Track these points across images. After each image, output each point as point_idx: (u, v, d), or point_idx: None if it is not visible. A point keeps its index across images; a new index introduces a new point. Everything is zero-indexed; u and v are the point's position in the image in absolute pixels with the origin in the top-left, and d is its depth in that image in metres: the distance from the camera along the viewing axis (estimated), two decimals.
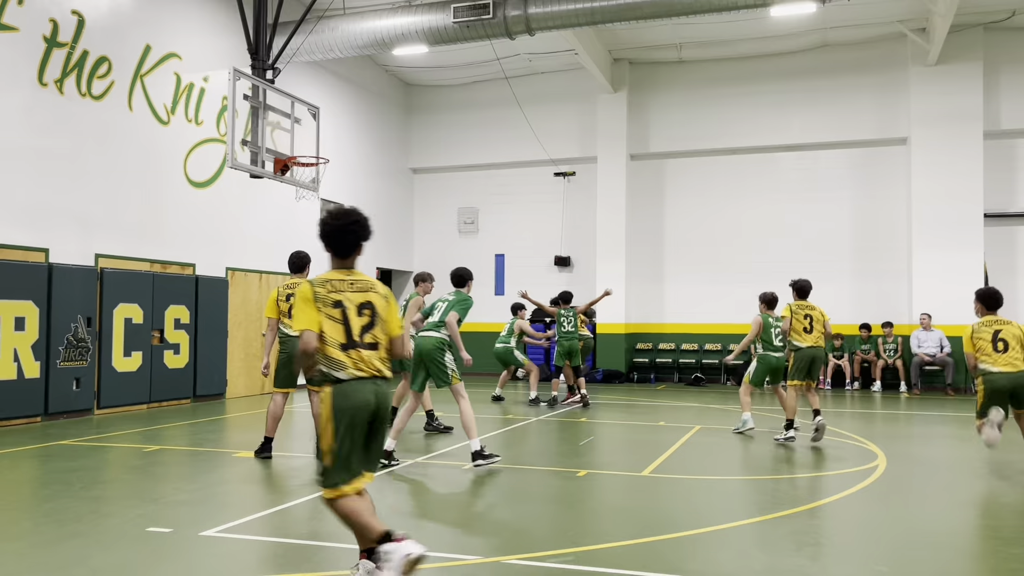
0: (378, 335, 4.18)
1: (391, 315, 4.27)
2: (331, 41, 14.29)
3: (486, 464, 7.37)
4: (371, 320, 4.17)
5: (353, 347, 4.08)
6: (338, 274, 4.25)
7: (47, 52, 10.85)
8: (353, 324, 4.11)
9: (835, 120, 17.33)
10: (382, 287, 4.34)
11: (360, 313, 4.15)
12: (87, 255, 11.45)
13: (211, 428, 10.41)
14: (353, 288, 4.19)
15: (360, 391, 4.04)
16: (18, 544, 4.99)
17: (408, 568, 3.86)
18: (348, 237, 4.28)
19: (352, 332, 4.09)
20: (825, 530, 5.54)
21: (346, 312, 4.11)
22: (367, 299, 4.20)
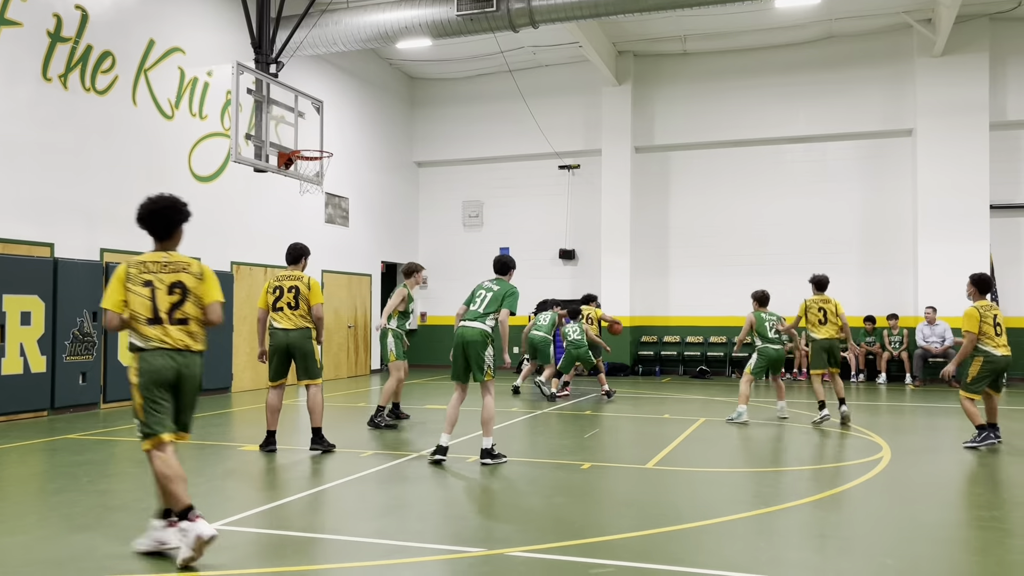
0: (188, 311, 4.67)
1: (205, 290, 4.76)
2: (334, 35, 14.28)
3: (493, 463, 7.34)
4: (181, 298, 4.67)
5: (159, 323, 4.60)
6: (154, 256, 4.75)
7: (51, 47, 10.86)
8: (160, 302, 4.62)
9: (841, 112, 17.27)
10: (197, 267, 4.82)
11: (171, 292, 4.65)
12: (92, 249, 11.48)
13: (216, 422, 10.45)
14: (166, 269, 4.69)
15: (160, 360, 4.58)
16: (25, 537, 5.02)
17: (199, 547, 4.32)
18: (163, 220, 4.77)
19: (159, 309, 4.61)
20: (830, 522, 5.54)
21: (155, 291, 4.62)
22: (178, 279, 4.69)
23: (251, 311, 14.47)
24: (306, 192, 12.88)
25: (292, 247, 8.37)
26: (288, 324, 7.86)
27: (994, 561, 4.71)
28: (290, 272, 8.10)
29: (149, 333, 4.58)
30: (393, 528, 5.30)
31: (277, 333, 7.92)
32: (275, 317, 7.93)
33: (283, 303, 7.91)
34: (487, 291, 7.60)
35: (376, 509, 5.84)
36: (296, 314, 7.87)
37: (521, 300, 7.95)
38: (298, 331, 7.87)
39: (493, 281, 7.73)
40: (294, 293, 7.89)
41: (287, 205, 15.32)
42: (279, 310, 7.90)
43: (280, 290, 7.94)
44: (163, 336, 4.60)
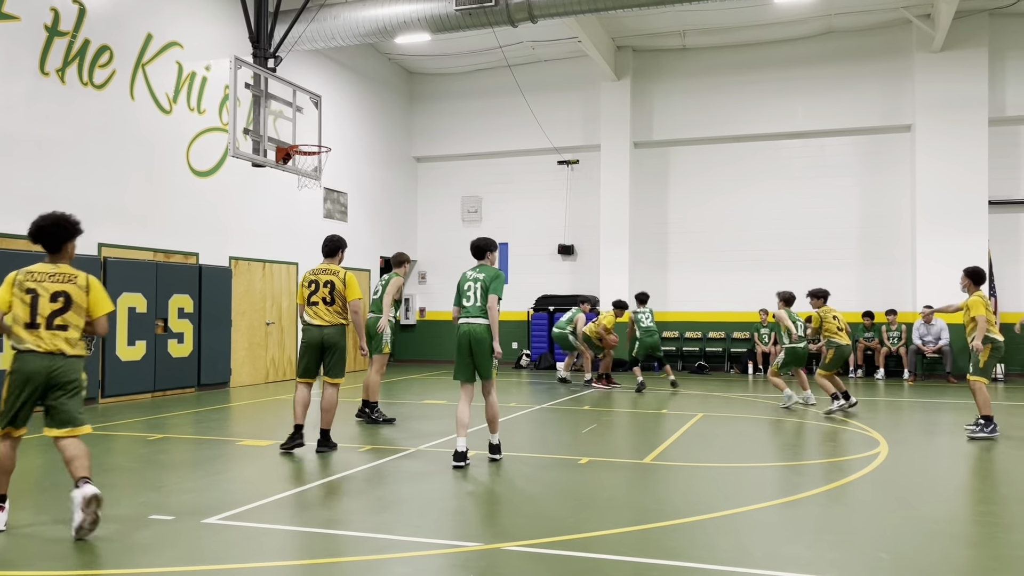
0: (69, 319, 5.00)
1: (91, 301, 5.12)
2: (333, 29, 14.25)
3: (502, 457, 7.35)
4: (64, 307, 5.00)
5: (35, 327, 4.94)
6: (43, 266, 5.12)
7: (48, 41, 10.84)
8: (42, 309, 4.95)
9: (839, 107, 17.26)
10: (84, 279, 5.13)
11: (53, 300, 4.98)
12: (90, 245, 11.47)
13: (215, 417, 10.46)
14: (52, 279, 5.03)
15: (33, 362, 4.93)
16: (23, 531, 5.03)
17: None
18: (51, 237, 5.12)
19: (37, 315, 4.95)
20: (826, 517, 5.55)
21: (37, 299, 4.96)
22: (63, 289, 5.02)
23: (250, 307, 14.48)
24: (304, 187, 12.88)
25: (329, 239, 8.00)
26: (321, 320, 7.62)
27: (989, 555, 4.73)
28: (326, 266, 7.80)
29: (24, 336, 4.96)
30: (391, 523, 5.31)
31: (311, 329, 7.65)
32: (309, 312, 7.66)
33: (318, 298, 7.63)
34: (474, 282, 7.23)
35: (374, 504, 5.85)
36: (331, 310, 7.64)
37: (521, 295, 7.92)
38: (332, 327, 7.63)
39: (476, 269, 7.33)
40: (329, 288, 7.63)
41: (285, 200, 15.31)
42: (313, 305, 7.64)
43: (315, 284, 7.66)
44: (37, 339, 4.96)
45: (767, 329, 16.87)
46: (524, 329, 19.41)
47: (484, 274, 7.24)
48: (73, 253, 5.30)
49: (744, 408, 11.41)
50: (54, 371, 4.96)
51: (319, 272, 7.73)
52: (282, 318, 15.42)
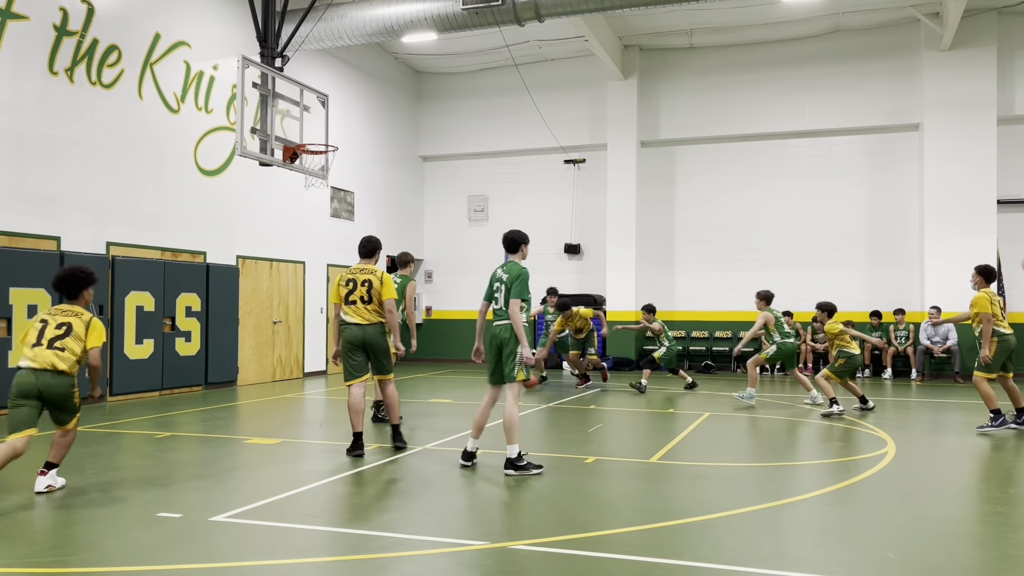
0: (67, 344, 6.00)
1: (89, 335, 6.12)
2: (340, 29, 14.27)
3: (517, 475, 6.67)
4: (64, 334, 6.03)
5: (38, 346, 5.96)
6: (61, 307, 6.24)
7: (57, 41, 10.89)
8: (47, 333, 6.02)
9: (847, 106, 17.21)
10: (87, 317, 6.20)
11: (58, 328, 6.05)
12: (98, 243, 11.53)
13: (222, 415, 10.49)
14: (62, 314, 6.14)
15: (27, 377, 5.89)
16: (31, 528, 5.06)
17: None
18: (68, 286, 6.27)
19: (42, 338, 5.99)
20: (832, 517, 5.54)
21: (46, 327, 6.05)
22: (68, 321, 6.10)
23: (257, 306, 14.51)
24: (311, 186, 12.89)
25: (368, 241, 7.99)
26: (362, 319, 7.57)
27: (996, 555, 4.72)
28: (363, 265, 7.78)
29: (27, 354, 5.96)
30: (398, 521, 5.32)
31: (351, 328, 7.58)
32: (347, 311, 7.59)
33: (356, 296, 7.59)
34: (500, 283, 6.96)
35: (381, 502, 5.86)
36: (370, 308, 7.60)
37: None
38: (373, 326, 7.60)
39: (504, 267, 7.05)
40: (367, 287, 7.60)
41: (293, 199, 15.35)
42: (352, 304, 7.58)
43: (353, 283, 7.62)
44: (33, 357, 5.92)
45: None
46: (530, 328, 19.39)
47: (510, 274, 6.91)
48: (90, 299, 6.42)
49: (751, 407, 11.38)
50: (43, 385, 5.92)
51: (356, 271, 7.70)
52: (288, 317, 15.46)
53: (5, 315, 9.99)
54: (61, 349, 5.96)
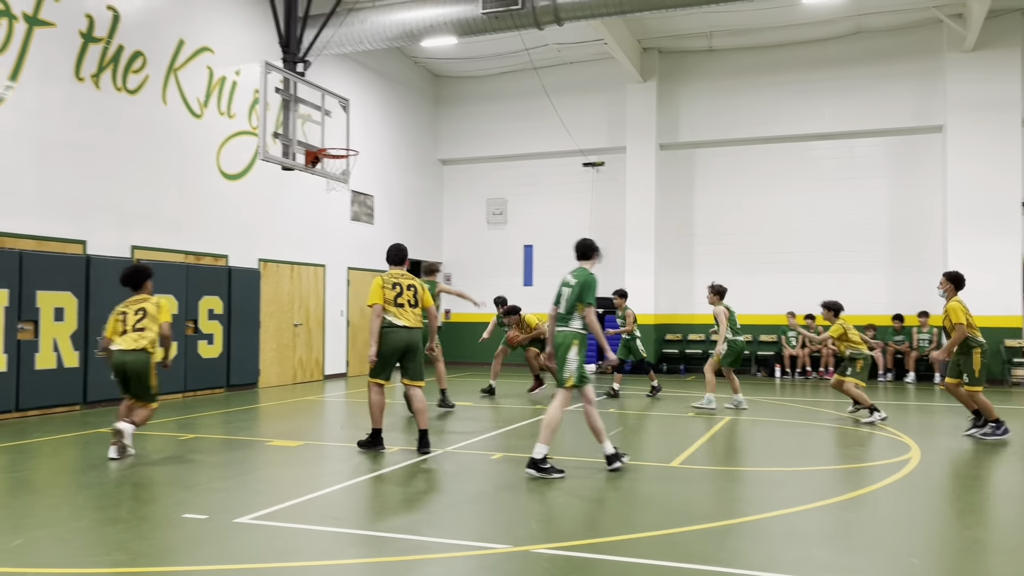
0: (145, 324, 7.56)
1: (160, 313, 7.66)
2: (360, 33, 14.36)
3: (539, 476, 6.64)
4: (142, 317, 7.60)
5: (125, 334, 7.51)
6: (132, 298, 7.77)
7: (83, 47, 11.04)
8: (129, 321, 7.59)
9: (869, 108, 17.09)
10: (156, 300, 7.76)
11: (136, 313, 7.62)
12: (123, 247, 11.67)
13: (244, 417, 10.58)
14: (135, 303, 7.70)
15: (117, 356, 7.50)
16: (59, 529, 5.13)
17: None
18: (133, 280, 7.84)
19: (126, 326, 7.56)
20: (856, 522, 5.51)
21: (125, 316, 7.62)
22: (141, 306, 7.66)
23: (277, 308, 14.62)
24: (332, 190, 12.98)
25: (399, 248, 8.16)
26: (410, 322, 7.69)
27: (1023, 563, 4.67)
28: (402, 271, 7.98)
29: (116, 341, 7.56)
30: (421, 524, 5.35)
31: (399, 330, 7.64)
32: (396, 313, 7.65)
33: (404, 300, 7.70)
34: (566, 287, 7.03)
35: (403, 505, 5.89)
36: (416, 312, 7.77)
37: (546, 298, 7.77)
38: (418, 330, 7.79)
39: (573, 272, 7.11)
40: (413, 292, 7.79)
41: (313, 203, 15.46)
42: (400, 307, 7.67)
43: (399, 287, 7.73)
44: (121, 341, 7.51)
45: (794, 332, 16.76)
46: None
47: (577, 279, 6.97)
48: (151, 289, 7.92)
49: (772, 412, 11.33)
50: (128, 362, 7.47)
51: (399, 276, 7.84)
52: (309, 319, 15.56)
53: (32, 318, 10.13)
54: (142, 330, 7.50)
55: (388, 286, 7.72)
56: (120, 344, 7.60)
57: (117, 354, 7.64)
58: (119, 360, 7.57)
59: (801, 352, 16.94)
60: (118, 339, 7.65)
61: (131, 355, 7.51)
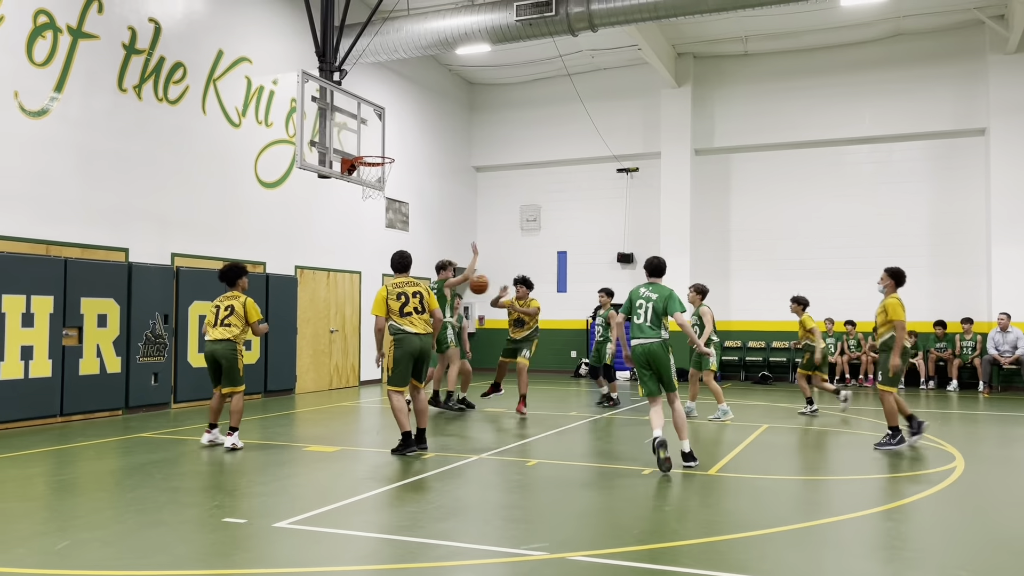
0: (232, 321, 8.45)
1: (247, 312, 8.52)
2: (396, 42, 14.48)
3: (696, 465, 7.39)
4: (230, 313, 8.47)
5: (215, 327, 8.46)
6: (226, 294, 8.69)
7: (126, 59, 11.27)
8: (220, 315, 8.50)
9: (909, 111, 16.83)
10: (243, 299, 8.57)
11: (225, 310, 8.51)
12: (164, 254, 11.86)
13: (282, 422, 10.68)
14: (227, 299, 8.59)
15: (208, 346, 8.46)
16: (103, 532, 5.22)
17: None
18: (228, 277, 8.66)
19: (218, 319, 8.48)
20: (900, 533, 5.40)
21: (218, 311, 8.53)
22: (231, 303, 8.53)
23: (314, 314, 14.75)
24: (368, 198, 13.07)
25: (403, 255, 8.37)
26: (419, 328, 8.00)
27: None
28: (407, 279, 8.20)
29: (208, 332, 8.50)
30: (456, 530, 5.35)
31: (410, 338, 7.92)
32: (404, 322, 7.94)
33: (411, 308, 7.98)
34: (646, 301, 7.54)
35: (438, 510, 5.90)
36: (423, 319, 8.07)
37: (580, 304, 7.92)
38: (429, 336, 8.12)
39: (649, 288, 7.63)
40: (419, 299, 8.07)
41: (349, 210, 15.59)
42: (407, 315, 7.96)
43: (405, 296, 8.00)
44: (211, 333, 8.46)
45: (833, 339, 16.52)
46: (583, 338, 19.35)
47: (657, 294, 7.53)
48: (245, 286, 8.74)
49: (810, 419, 11.16)
50: (217, 352, 8.37)
51: (403, 284, 8.09)
52: (345, 326, 15.68)
53: (76, 324, 10.34)
54: (228, 325, 8.44)
55: (393, 296, 8.03)
56: (211, 335, 8.53)
57: (415, 339, 8.04)
58: (209, 349, 8.52)
59: (840, 359, 16.68)
60: (400, 320, 8.07)
61: (220, 344, 8.43)
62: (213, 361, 8.41)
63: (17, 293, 9.65)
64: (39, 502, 6.15)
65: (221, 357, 8.35)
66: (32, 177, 10.08)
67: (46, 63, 10.21)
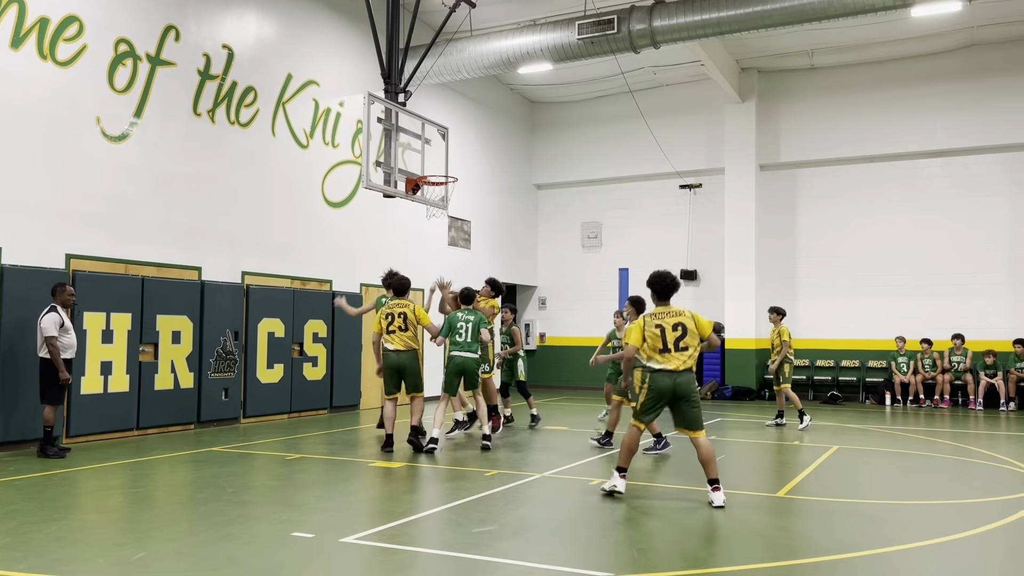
0: (405, 327, 9.29)
1: (419, 318, 9.30)
2: (459, 63, 14.67)
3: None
4: (403, 321, 9.28)
5: (392, 333, 9.31)
6: (394, 302, 9.51)
7: (200, 84, 11.68)
8: (394, 323, 9.32)
9: (985, 123, 16.29)
10: (412, 307, 9.31)
11: (399, 317, 9.32)
12: (235, 273, 12.20)
13: (347, 438, 10.84)
14: (399, 307, 9.36)
15: (391, 356, 9.28)
16: (178, 544, 5.37)
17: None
18: (398, 288, 9.60)
19: (393, 327, 9.35)
20: (976, 562, 5.19)
21: (392, 319, 9.34)
22: (403, 311, 9.35)
23: None
24: (432, 216, 13.23)
25: (401, 280, 9.68)
26: (399, 346, 9.31)
27: None
28: (398, 300, 9.54)
29: (387, 339, 9.28)
30: (521, 549, 5.34)
31: (390, 354, 9.32)
32: (388, 339, 9.32)
33: (395, 327, 9.31)
34: (466, 322, 9.73)
35: (503, 529, 5.90)
36: (406, 336, 9.34)
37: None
38: (408, 352, 9.39)
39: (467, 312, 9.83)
40: (403, 318, 9.33)
41: (412, 229, 15.80)
42: (391, 333, 9.33)
43: (392, 316, 9.33)
44: (390, 340, 9.24)
45: (905, 357, 16.04)
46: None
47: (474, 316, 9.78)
48: (408, 292, 9.56)
49: (883, 441, 10.83)
50: (402, 361, 9.21)
51: (393, 306, 9.41)
52: None
53: (152, 340, 10.70)
54: (405, 330, 9.14)
55: (383, 316, 9.38)
56: (393, 345, 9.22)
57: (392, 355, 9.24)
58: (395, 360, 9.22)
59: (913, 379, 16.15)
60: (387, 338, 9.26)
61: (405, 355, 9.25)
62: (399, 370, 9.24)
63: (98, 311, 10.04)
64: (117, 513, 6.37)
65: (409, 367, 9.27)
66: (112, 199, 10.50)
67: (126, 89, 10.66)
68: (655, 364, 6.63)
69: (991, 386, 15.49)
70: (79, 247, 10.08)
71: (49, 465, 8.25)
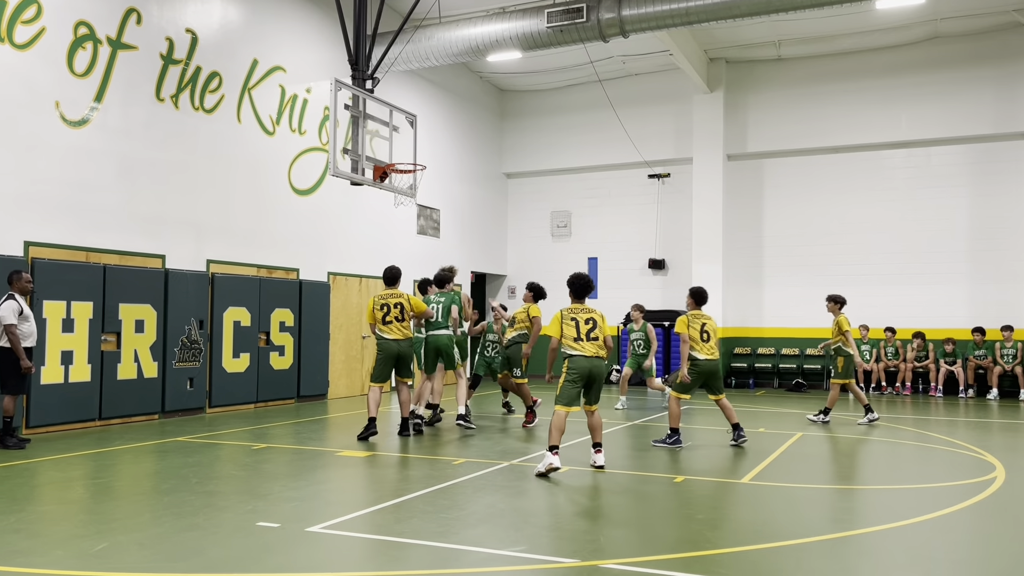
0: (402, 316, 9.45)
1: (414, 304, 9.46)
2: (427, 50, 14.57)
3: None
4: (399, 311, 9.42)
5: (388, 323, 9.34)
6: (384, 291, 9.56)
7: (163, 69, 11.47)
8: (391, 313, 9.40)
9: (948, 115, 16.55)
10: (406, 295, 9.38)
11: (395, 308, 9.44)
12: (199, 261, 12.03)
13: (314, 427, 10.77)
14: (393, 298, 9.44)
15: (390, 345, 9.43)
16: (140, 535, 5.29)
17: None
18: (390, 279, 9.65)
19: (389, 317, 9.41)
20: (940, 544, 5.29)
21: (388, 310, 9.37)
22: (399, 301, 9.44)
23: (346, 320, 14.87)
24: (400, 204, 13.14)
25: (392, 270, 9.75)
26: (396, 335, 9.40)
27: None
28: (391, 291, 9.55)
29: (382, 329, 9.32)
30: (487, 536, 5.35)
31: (388, 343, 9.43)
32: (385, 330, 9.39)
33: (391, 318, 9.36)
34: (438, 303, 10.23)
35: (470, 517, 5.90)
36: (403, 326, 9.47)
37: (610, 311, 7.93)
38: (406, 340, 9.53)
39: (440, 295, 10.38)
40: (399, 309, 9.40)
41: (381, 217, 15.70)
42: (388, 323, 9.38)
43: (387, 307, 9.38)
44: (387, 330, 9.31)
45: (868, 346, 16.28)
46: (614, 344, 19.25)
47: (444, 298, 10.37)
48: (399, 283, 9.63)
49: (846, 428, 11.01)
50: (401, 349, 9.34)
51: (387, 296, 9.44)
52: None
53: (115, 329, 10.53)
54: (401, 319, 9.25)
55: (378, 307, 9.45)
56: (392, 335, 9.29)
57: (392, 344, 9.34)
58: (395, 349, 9.30)
59: (876, 367, 16.43)
60: (382, 327, 9.35)
61: (404, 343, 9.37)
62: (396, 358, 9.36)
63: (58, 299, 9.84)
64: (78, 505, 6.27)
65: (406, 355, 9.41)
66: (72, 185, 10.28)
67: (86, 73, 10.43)
68: (573, 351, 7.49)
69: (951, 373, 15.81)
70: (38, 234, 9.87)
71: (8, 456, 8.09)
